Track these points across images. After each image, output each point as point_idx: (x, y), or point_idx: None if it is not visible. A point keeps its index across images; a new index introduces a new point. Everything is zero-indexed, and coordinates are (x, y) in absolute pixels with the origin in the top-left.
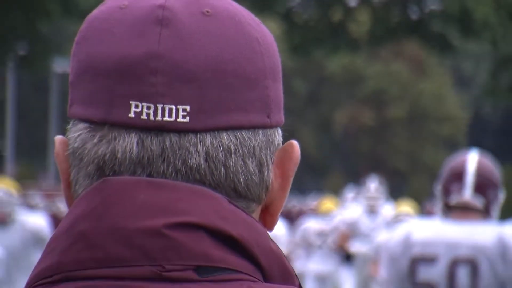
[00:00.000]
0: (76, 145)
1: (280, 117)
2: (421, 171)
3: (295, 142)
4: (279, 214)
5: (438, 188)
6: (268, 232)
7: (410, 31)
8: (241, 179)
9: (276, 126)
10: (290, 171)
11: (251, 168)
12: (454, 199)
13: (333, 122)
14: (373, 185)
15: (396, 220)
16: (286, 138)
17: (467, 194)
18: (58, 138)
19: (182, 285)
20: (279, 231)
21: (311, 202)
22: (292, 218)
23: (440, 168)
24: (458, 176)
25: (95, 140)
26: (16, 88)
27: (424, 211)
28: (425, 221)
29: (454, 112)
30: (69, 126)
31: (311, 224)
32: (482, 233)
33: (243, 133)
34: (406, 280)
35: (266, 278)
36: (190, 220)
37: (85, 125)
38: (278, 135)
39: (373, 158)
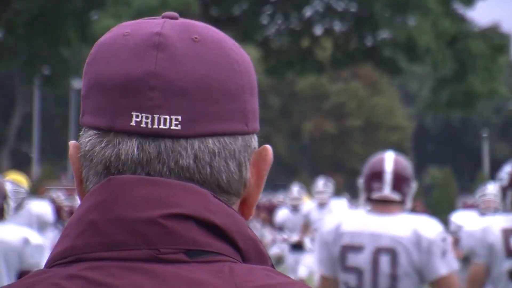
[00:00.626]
0: (86, 148)
1: (256, 125)
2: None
3: (268, 147)
4: (255, 206)
5: (361, 183)
6: (245, 220)
7: (366, 56)
8: (224, 177)
9: (253, 133)
10: (264, 171)
11: (232, 168)
12: (375, 195)
13: (301, 131)
14: (321, 182)
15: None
16: (261, 143)
17: (387, 190)
18: (71, 143)
19: (175, 265)
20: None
21: (281, 196)
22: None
23: None
24: (378, 175)
25: (103, 144)
26: (41, 102)
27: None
28: (352, 213)
29: (401, 123)
30: (81, 132)
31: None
32: (400, 226)
33: (225, 139)
34: (337, 263)
35: (244, 260)
36: (181, 211)
37: (94, 132)
38: (254, 140)
39: (334, 160)
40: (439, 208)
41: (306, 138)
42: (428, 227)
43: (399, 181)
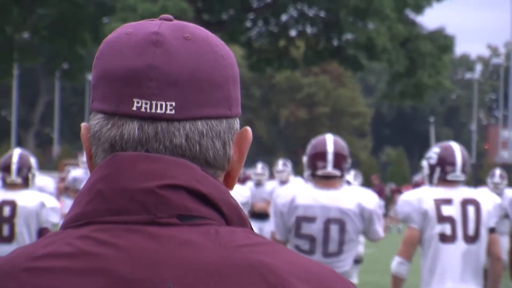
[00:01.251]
0: (95, 129)
1: (238, 110)
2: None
3: (248, 128)
4: (236, 178)
5: (305, 161)
6: (229, 190)
7: (332, 55)
8: (211, 153)
9: (235, 117)
10: (245, 149)
11: (217, 146)
12: (320, 172)
13: (278, 117)
14: (281, 162)
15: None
16: (244, 126)
17: (330, 168)
18: (83, 124)
19: (169, 228)
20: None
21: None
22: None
23: (349, 148)
24: (322, 155)
25: (109, 126)
26: (61, 92)
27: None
28: (303, 187)
29: (362, 110)
30: (91, 116)
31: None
32: (346, 200)
33: (212, 122)
34: (292, 231)
35: (228, 223)
36: (175, 182)
37: (102, 115)
38: (237, 123)
39: (306, 141)
40: (393, 181)
41: (283, 123)
42: (368, 199)
43: (339, 160)
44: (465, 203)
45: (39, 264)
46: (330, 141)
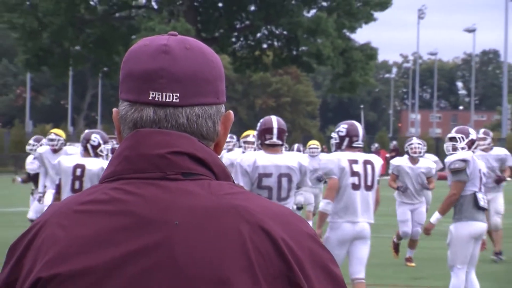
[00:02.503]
0: (122, 113)
1: (224, 99)
2: (298, 130)
3: (231, 112)
4: (223, 147)
5: (256, 134)
6: (217, 155)
7: (292, 61)
8: (204, 130)
9: (222, 103)
10: (229, 126)
11: (209, 124)
12: (268, 142)
13: (255, 105)
14: (250, 135)
15: (310, 151)
16: (228, 110)
17: (275, 139)
18: (114, 109)
19: (175, 182)
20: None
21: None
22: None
23: (304, 128)
24: (269, 129)
25: (132, 110)
26: (103, 87)
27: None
28: (259, 153)
29: (313, 100)
30: (120, 103)
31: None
32: (291, 160)
33: (205, 107)
34: (255, 185)
35: (217, 178)
36: (179, 150)
37: (127, 103)
38: (223, 108)
39: None
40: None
41: (257, 109)
42: (304, 160)
43: (281, 133)
44: (365, 163)
45: (84, 208)
46: (274, 120)
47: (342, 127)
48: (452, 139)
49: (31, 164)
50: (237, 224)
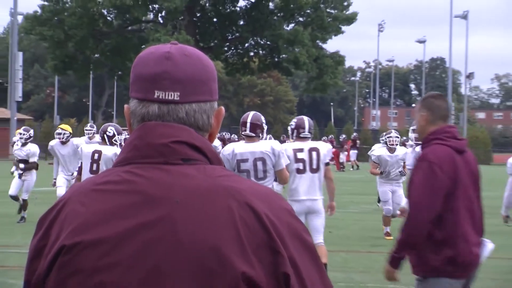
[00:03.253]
0: (132, 108)
1: (216, 97)
2: (279, 124)
3: (222, 107)
4: (215, 137)
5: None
6: (211, 143)
7: (274, 66)
8: (200, 123)
9: (215, 101)
10: (220, 120)
11: (204, 118)
12: (243, 133)
13: (243, 102)
14: (232, 135)
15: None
16: (220, 106)
17: (247, 131)
18: (126, 106)
19: (176, 166)
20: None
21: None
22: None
23: (284, 122)
24: (244, 123)
25: (140, 107)
26: (117, 88)
27: (280, 140)
28: (238, 143)
29: (291, 98)
30: (130, 101)
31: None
32: (264, 146)
33: (201, 104)
34: (235, 170)
35: (211, 163)
36: (180, 139)
37: (136, 100)
38: (215, 104)
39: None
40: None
41: (245, 106)
42: (277, 145)
43: (253, 127)
44: (310, 150)
45: (100, 187)
46: (250, 116)
47: (293, 121)
48: (394, 137)
49: (19, 151)
50: (228, 202)
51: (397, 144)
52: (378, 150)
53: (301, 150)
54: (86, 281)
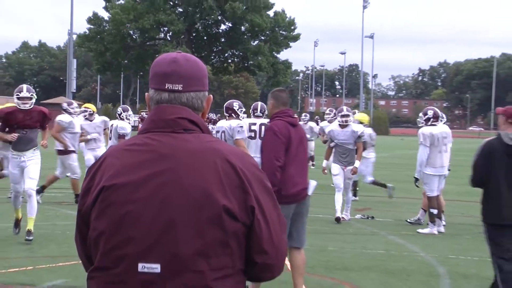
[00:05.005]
0: (150, 95)
1: (207, 88)
2: (248, 108)
3: (211, 96)
4: (206, 115)
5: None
6: (203, 119)
7: (245, 69)
8: (196, 105)
9: (206, 90)
10: (209, 104)
11: (199, 102)
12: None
13: (224, 93)
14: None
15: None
16: (209, 94)
17: (224, 112)
18: (146, 94)
19: (180, 134)
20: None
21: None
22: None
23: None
24: (225, 107)
25: (156, 94)
26: (140, 83)
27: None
28: (222, 121)
29: (256, 91)
30: (149, 90)
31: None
32: (226, 124)
33: (197, 92)
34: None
35: (203, 133)
36: (182, 116)
37: (153, 90)
38: (206, 93)
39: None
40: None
41: (225, 96)
42: (234, 124)
43: (226, 109)
44: (261, 125)
45: (128, 148)
46: (229, 102)
47: (252, 105)
48: (346, 115)
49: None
50: (214, 158)
51: (347, 121)
52: (331, 125)
53: (254, 124)
54: (118, 210)
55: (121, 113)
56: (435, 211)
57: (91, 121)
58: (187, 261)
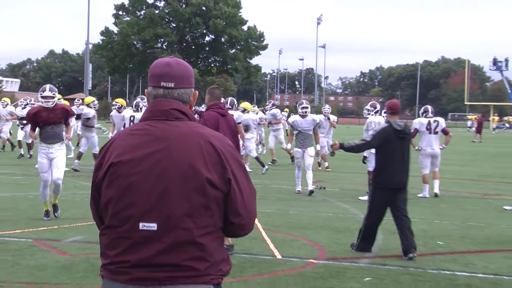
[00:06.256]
0: (149, 91)
1: (193, 86)
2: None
3: (196, 92)
4: (192, 107)
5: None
6: (191, 110)
7: (225, 72)
8: (185, 99)
9: (193, 87)
10: (195, 98)
11: (187, 97)
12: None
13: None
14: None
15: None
16: (195, 91)
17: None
18: (146, 90)
19: (172, 121)
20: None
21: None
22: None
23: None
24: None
25: (153, 90)
26: (142, 83)
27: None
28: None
29: (233, 89)
30: (148, 87)
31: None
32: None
33: (186, 89)
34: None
35: (190, 121)
36: (174, 107)
37: (151, 87)
38: (193, 89)
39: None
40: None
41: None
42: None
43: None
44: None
45: (133, 132)
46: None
47: (224, 100)
48: (305, 107)
49: (21, 111)
50: (199, 140)
51: (307, 112)
52: (293, 116)
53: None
54: (123, 181)
55: (139, 105)
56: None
57: (120, 113)
58: (177, 220)
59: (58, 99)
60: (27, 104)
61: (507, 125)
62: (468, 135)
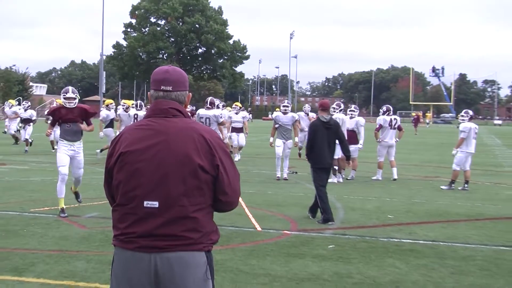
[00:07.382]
0: (151, 94)
1: (188, 89)
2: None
3: (190, 94)
4: (187, 107)
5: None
6: (186, 109)
7: (214, 77)
8: (181, 100)
9: (187, 90)
10: (189, 99)
11: (183, 98)
12: (206, 106)
13: (200, 93)
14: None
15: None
16: (189, 93)
17: (208, 105)
18: (149, 92)
19: (171, 118)
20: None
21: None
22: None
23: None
24: (207, 101)
25: (155, 93)
26: (146, 87)
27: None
28: (202, 110)
29: (222, 92)
30: (150, 91)
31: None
32: (211, 113)
33: (181, 91)
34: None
35: (185, 117)
36: (172, 107)
37: (153, 90)
38: (187, 92)
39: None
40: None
41: (202, 95)
42: (217, 112)
43: (210, 103)
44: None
45: (138, 127)
46: (209, 98)
47: (205, 100)
48: (286, 106)
49: (24, 114)
50: (192, 134)
51: (287, 110)
52: (276, 113)
53: (205, 114)
54: (130, 167)
55: (141, 106)
56: (336, 167)
57: (126, 112)
58: (175, 199)
59: (108, 104)
60: (29, 106)
61: (428, 120)
62: (412, 129)
